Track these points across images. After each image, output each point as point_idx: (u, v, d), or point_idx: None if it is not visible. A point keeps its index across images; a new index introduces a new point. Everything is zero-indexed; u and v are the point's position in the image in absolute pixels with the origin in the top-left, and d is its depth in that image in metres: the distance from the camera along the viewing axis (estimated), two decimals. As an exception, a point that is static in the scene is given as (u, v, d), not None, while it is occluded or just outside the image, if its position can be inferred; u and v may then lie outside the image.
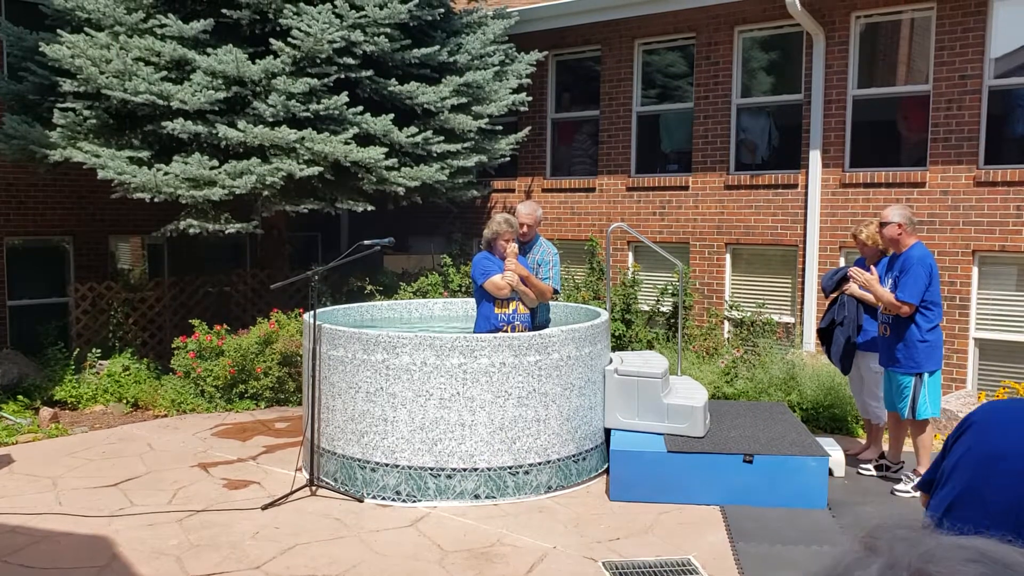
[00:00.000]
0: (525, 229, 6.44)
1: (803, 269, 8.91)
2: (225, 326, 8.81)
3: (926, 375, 5.87)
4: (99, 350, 9.18)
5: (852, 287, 6.54)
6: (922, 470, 5.95)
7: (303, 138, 8.07)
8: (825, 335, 6.71)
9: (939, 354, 5.97)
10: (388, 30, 8.42)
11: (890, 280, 5.98)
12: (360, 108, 8.40)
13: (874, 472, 6.31)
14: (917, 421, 5.93)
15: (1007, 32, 7.84)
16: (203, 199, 8.06)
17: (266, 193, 8.26)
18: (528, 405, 5.82)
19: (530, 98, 10.04)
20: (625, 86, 10.21)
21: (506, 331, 6.10)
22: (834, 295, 6.70)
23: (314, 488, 5.98)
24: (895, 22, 8.53)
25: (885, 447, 6.82)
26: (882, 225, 6.03)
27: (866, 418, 6.78)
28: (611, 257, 9.84)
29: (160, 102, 7.96)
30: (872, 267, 6.10)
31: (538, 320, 6.48)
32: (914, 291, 5.78)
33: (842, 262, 8.64)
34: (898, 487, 5.98)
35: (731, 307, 9.34)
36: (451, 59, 9.25)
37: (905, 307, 5.80)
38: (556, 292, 6.58)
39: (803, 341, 8.79)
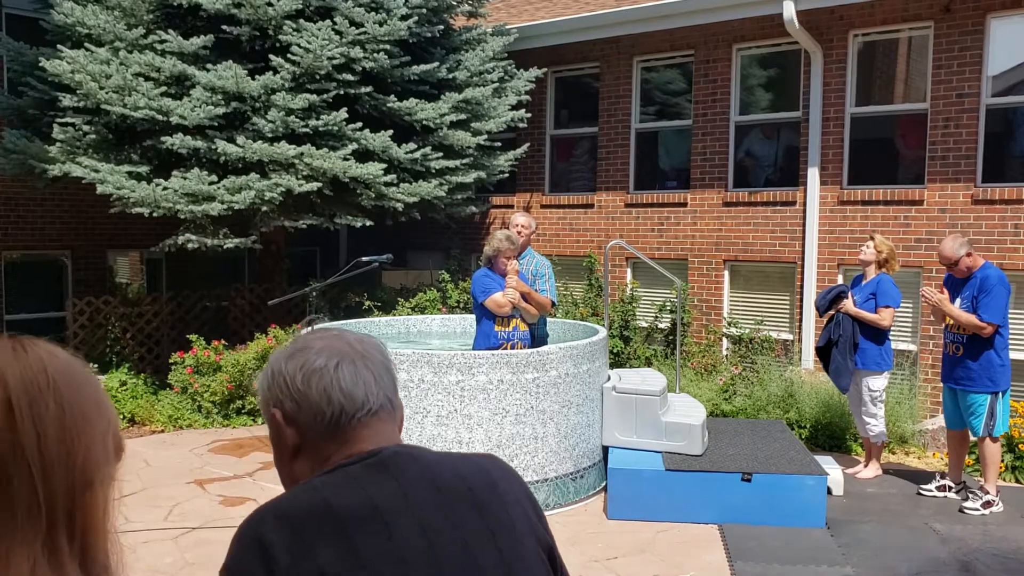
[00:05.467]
0: (520, 229, 6.46)
1: (801, 286, 8.91)
2: (223, 341, 8.79)
3: (1001, 394, 5.87)
4: (96, 365, 9.15)
5: (847, 305, 6.52)
6: (989, 487, 5.94)
7: (302, 154, 8.08)
8: (823, 353, 6.69)
9: (1009, 373, 5.97)
10: (387, 47, 8.45)
11: (958, 300, 5.96)
12: (359, 124, 8.42)
13: (937, 494, 6.23)
14: (991, 437, 5.93)
15: (1004, 51, 7.88)
16: (202, 214, 8.06)
17: (265, 208, 8.26)
18: (526, 423, 5.80)
19: (529, 115, 10.07)
20: (624, 103, 10.24)
21: (506, 348, 6.08)
22: (829, 314, 6.68)
23: (310, 505, 5.94)
24: (893, 40, 8.57)
25: (866, 462, 6.80)
26: (952, 264, 5.96)
27: (865, 436, 6.76)
28: (609, 273, 9.83)
29: (159, 117, 7.98)
30: (943, 287, 6.06)
31: (536, 333, 6.47)
32: (997, 311, 5.80)
33: (840, 279, 8.65)
34: (966, 504, 5.94)
35: (729, 324, 9.33)
36: (450, 76, 9.27)
37: (989, 327, 5.79)
38: (554, 304, 6.57)
39: (801, 358, 8.77)
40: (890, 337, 6.63)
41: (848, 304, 6.53)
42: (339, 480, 1.34)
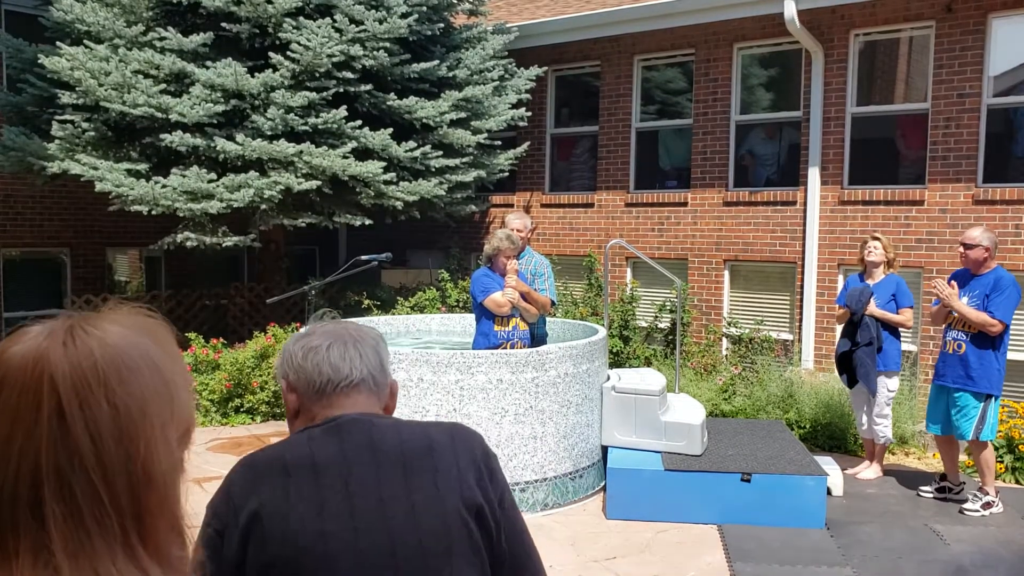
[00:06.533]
0: (517, 232, 6.41)
1: (801, 286, 8.89)
2: (222, 340, 8.77)
3: (993, 398, 5.84)
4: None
5: (871, 307, 6.48)
6: (988, 488, 5.92)
7: (301, 152, 8.07)
8: (846, 359, 6.61)
9: (1003, 380, 5.93)
10: (387, 45, 8.43)
11: (965, 298, 5.93)
12: (359, 122, 8.40)
13: (937, 495, 6.19)
14: (979, 441, 5.88)
15: (1006, 50, 7.86)
16: (201, 212, 8.04)
17: (264, 207, 8.25)
18: (525, 422, 5.78)
19: (529, 113, 10.04)
20: (624, 102, 10.23)
21: (505, 348, 6.06)
22: (848, 318, 6.62)
23: (309, 504, 5.92)
24: (894, 40, 8.55)
25: (865, 463, 6.79)
26: (968, 247, 5.95)
27: (868, 438, 6.73)
28: (609, 273, 9.82)
29: (159, 115, 7.96)
30: (953, 282, 6.04)
31: (536, 333, 6.44)
32: (1008, 310, 5.77)
33: (841, 280, 8.63)
34: (966, 506, 5.91)
35: (729, 324, 9.32)
36: (450, 74, 9.26)
37: (999, 325, 5.76)
38: (554, 303, 6.54)
39: (801, 359, 8.76)
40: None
41: (872, 307, 6.49)
42: (299, 439, 1.64)
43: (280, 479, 1.56)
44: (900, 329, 6.60)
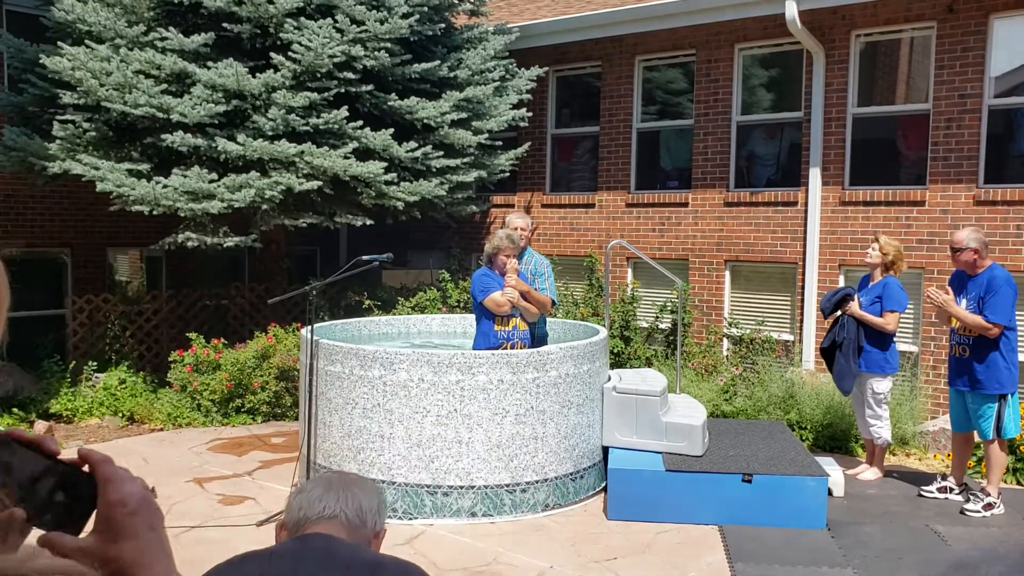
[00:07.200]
0: (520, 232, 6.42)
1: (802, 287, 8.89)
2: (222, 340, 8.77)
3: (1009, 396, 5.83)
4: (96, 363, 9.14)
5: (852, 307, 6.49)
6: (991, 489, 5.92)
7: (302, 152, 8.06)
8: (827, 355, 6.66)
9: (1017, 375, 5.91)
10: (389, 45, 8.43)
11: (964, 300, 5.93)
12: (360, 123, 8.40)
13: (938, 495, 6.19)
14: (999, 439, 5.89)
15: (1007, 51, 7.86)
16: (202, 212, 8.04)
17: (265, 207, 8.24)
18: (526, 423, 5.78)
19: (530, 113, 10.04)
20: (625, 102, 10.22)
21: (506, 348, 6.06)
22: (834, 315, 6.65)
23: (309, 504, 5.92)
24: (895, 40, 8.55)
25: (864, 464, 6.78)
26: (956, 251, 5.96)
27: (867, 438, 6.73)
28: (610, 273, 9.81)
29: (160, 115, 7.96)
30: (948, 288, 6.05)
31: (536, 333, 6.44)
32: (1004, 312, 5.75)
33: (841, 280, 8.63)
34: (968, 506, 5.90)
35: (730, 324, 9.31)
36: (451, 74, 9.25)
37: (995, 329, 5.75)
38: (554, 303, 6.54)
39: (802, 359, 8.75)
40: (895, 340, 6.60)
41: (854, 307, 6.49)
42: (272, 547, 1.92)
43: (238, 568, 1.83)
44: (893, 333, 6.57)
